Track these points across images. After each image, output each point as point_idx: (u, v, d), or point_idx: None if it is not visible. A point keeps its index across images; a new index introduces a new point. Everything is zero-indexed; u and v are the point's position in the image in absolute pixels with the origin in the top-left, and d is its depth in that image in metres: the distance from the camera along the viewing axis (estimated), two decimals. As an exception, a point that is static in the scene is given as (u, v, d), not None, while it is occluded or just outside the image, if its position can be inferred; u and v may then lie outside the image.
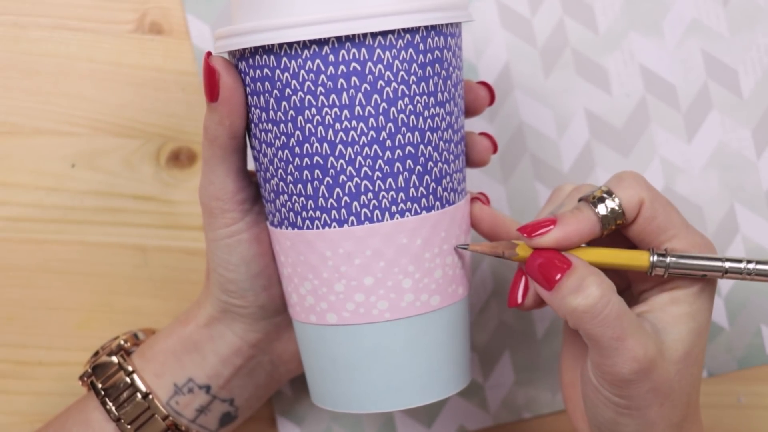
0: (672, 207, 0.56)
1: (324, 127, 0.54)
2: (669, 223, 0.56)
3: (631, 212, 0.55)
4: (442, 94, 0.56)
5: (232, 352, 0.61)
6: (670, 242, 0.56)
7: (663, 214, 0.55)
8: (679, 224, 0.56)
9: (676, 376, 0.55)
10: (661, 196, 0.56)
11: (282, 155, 0.55)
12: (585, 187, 0.58)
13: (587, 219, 0.55)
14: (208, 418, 0.63)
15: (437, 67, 0.55)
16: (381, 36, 0.53)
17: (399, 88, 0.54)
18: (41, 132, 0.69)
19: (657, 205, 0.55)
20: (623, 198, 0.55)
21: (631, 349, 0.53)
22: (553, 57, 0.70)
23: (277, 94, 0.54)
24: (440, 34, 0.55)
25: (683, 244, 0.56)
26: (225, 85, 0.56)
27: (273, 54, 0.54)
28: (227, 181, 0.58)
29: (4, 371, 0.70)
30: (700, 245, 0.56)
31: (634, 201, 0.55)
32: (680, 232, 0.56)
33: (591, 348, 0.54)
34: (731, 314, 0.71)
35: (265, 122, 0.55)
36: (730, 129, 0.71)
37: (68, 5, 0.69)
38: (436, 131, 0.55)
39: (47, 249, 0.69)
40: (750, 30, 0.71)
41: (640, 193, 0.55)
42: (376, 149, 0.54)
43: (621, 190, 0.55)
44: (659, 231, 0.56)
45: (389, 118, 0.54)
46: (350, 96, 0.53)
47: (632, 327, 0.53)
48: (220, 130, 0.57)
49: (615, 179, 0.56)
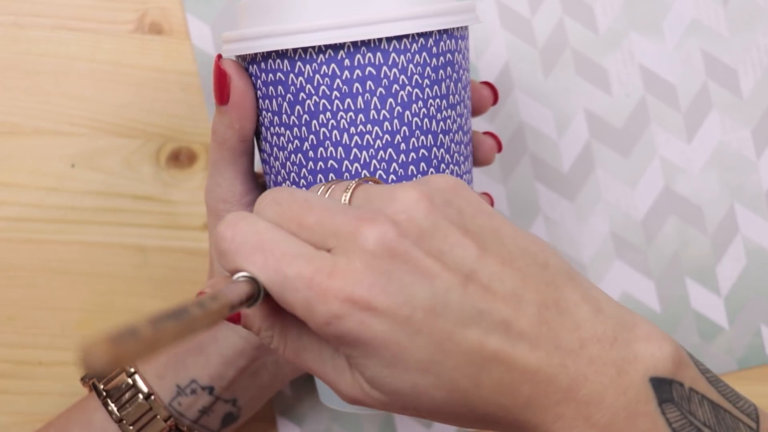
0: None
1: (339, 132, 0.54)
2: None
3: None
4: (454, 97, 0.56)
5: (236, 354, 0.61)
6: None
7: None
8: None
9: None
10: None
11: (295, 159, 0.55)
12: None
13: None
14: (211, 418, 0.63)
15: (449, 69, 0.55)
16: (396, 40, 0.53)
17: (413, 91, 0.54)
18: (41, 132, 0.69)
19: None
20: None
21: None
22: (553, 57, 0.71)
23: (291, 98, 0.54)
24: (452, 37, 0.55)
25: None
26: (236, 88, 0.55)
27: (287, 58, 0.54)
28: (235, 183, 0.58)
29: (4, 371, 0.69)
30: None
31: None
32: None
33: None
34: (731, 314, 0.71)
35: (277, 126, 0.55)
36: (730, 129, 0.71)
37: (68, 5, 0.69)
38: (447, 133, 0.56)
39: (47, 249, 0.69)
40: (750, 30, 0.71)
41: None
42: (391, 152, 0.54)
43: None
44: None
45: (403, 122, 0.54)
46: (365, 100, 0.54)
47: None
48: (229, 133, 0.57)
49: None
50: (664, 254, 0.71)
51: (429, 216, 0.47)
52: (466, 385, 0.47)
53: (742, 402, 0.51)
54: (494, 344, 0.47)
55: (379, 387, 0.48)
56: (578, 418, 0.48)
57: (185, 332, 0.41)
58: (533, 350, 0.47)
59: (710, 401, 0.50)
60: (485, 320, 0.47)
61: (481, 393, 0.48)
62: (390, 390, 0.48)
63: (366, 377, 0.48)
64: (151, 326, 0.39)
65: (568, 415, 0.48)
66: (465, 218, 0.48)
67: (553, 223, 0.71)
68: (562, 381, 0.48)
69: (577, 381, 0.48)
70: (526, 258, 0.48)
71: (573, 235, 0.71)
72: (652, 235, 0.71)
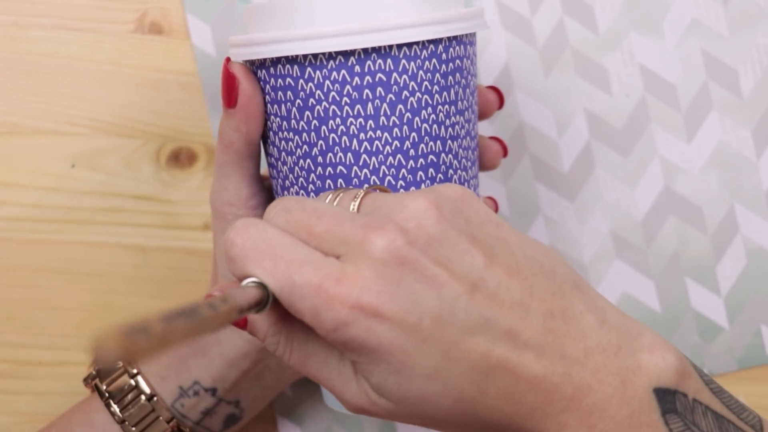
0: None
1: (348, 137, 0.54)
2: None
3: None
4: (462, 103, 0.56)
5: (239, 356, 0.61)
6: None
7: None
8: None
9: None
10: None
11: (303, 164, 0.55)
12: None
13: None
14: (213, 420, 0.63)
15: (458, 76, 0.55)
16: (406, 47, 0.53)
17: (423, 98, 0.54)
18: (41, 132, 0.69)
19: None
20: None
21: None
22: (553, 57, 0.71)
23: (300, 104, 0.54)
24: (461, 43, 0.55)
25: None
26: (244, 92, 0.55)
27: (297, 64, 0.54)
28: (241, 186, 0.58)
29: (4, 371, 0.69)
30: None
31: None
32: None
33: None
34: (731, 314, 0.71)
35: (285, 131, 0.55)
36: (730, 129, 0.71)
37: (68, 5, 0.69)
38: (456, 139, 0.56)
39: (47, 249, 0.69)
40: (750, 30, 0.71)
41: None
42: (400, 159, 0.54)
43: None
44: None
45: (413, 128, 0.54)
46: (375, 106, 0.54)
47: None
48: (236, 136, 0.57)
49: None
50: (664, 254, 0.71)
51: (437, 224, 0.47)
52: (472, 393, 0.47)
53: (747, 413, 0.51)
54: (500, 353, 0.47)
55: (386, 394, 0.48)
56: (582, 427, 0.48)
57: (195, 332, 0.41)
58: (538, 359, 0.48)
59: (714, 412, 0.50)
60: (492, 329, 0.47)
61: (486, 401, 0.48)
62: (396, 397, 0.48)
63: (372, 384, 0.48)
64: (163, 323, 0.39)
65: (571, 423, 0.48)
66: (473, 227, 0.48)
67: (553, 223, 0.71)
68: (567, 390, 0.48)
69: (581, 390, 0.48)
70: (533, 267, 0.49)
71: (573, 235, 0.71)
72: (652, 235, 0.71)
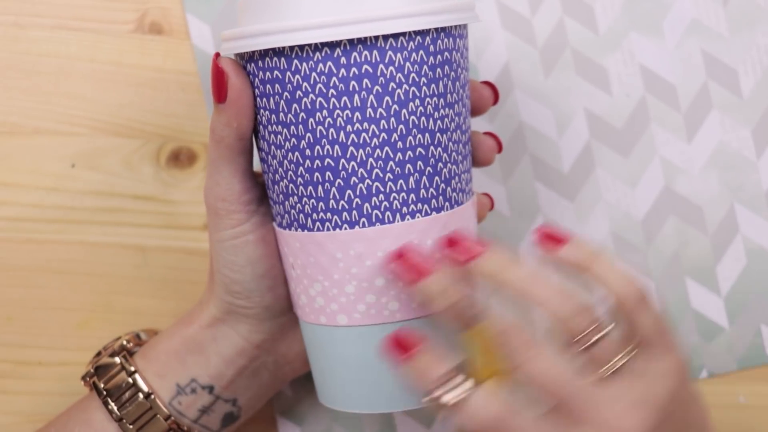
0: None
1: (335, 129, 0.54)
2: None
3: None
4: (451, 96, 0.56)
5: (235, 353, 0.61)
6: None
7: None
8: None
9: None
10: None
11: (292, 157, 0.55)
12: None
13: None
14: (211, 418, 0.63)
15: (446, 68, 0.55)
16: (393, 38, 0.53)
17: (410, 89, 0.54)
18: (41, 132, 0.69)
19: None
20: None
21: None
22: (553, 57, 0.71)
23: (288, 97, 0.54)
24: (449, 36, 0.55)
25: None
26: (233, 86, 0.56)
27: (284, 56, 0.54)
28: (233, 182, 0.58)
29: (4, 371, 0.69)
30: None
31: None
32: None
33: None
34: (731, 314, 0.71)
35: (274, 124, 0.55)
36: (730, 129, 0.71)
37: (68, 5, 0.69)
38: (445, 132, 0.56)
39: (47, 249, 0.69)
40: (750, 30, 0.71)
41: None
42: (388, 151, 0.54)
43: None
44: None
45: (400, 120, 0.54)
46: (362, 98, 0.53)
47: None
48: (227, 131, 0.57)
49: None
50: (664, 254, 0.71)
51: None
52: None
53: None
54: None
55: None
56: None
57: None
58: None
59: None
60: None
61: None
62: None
63: None
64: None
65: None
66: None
67: (553, 223, 0.71)
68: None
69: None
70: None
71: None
72: (652, 235, 0.71)
